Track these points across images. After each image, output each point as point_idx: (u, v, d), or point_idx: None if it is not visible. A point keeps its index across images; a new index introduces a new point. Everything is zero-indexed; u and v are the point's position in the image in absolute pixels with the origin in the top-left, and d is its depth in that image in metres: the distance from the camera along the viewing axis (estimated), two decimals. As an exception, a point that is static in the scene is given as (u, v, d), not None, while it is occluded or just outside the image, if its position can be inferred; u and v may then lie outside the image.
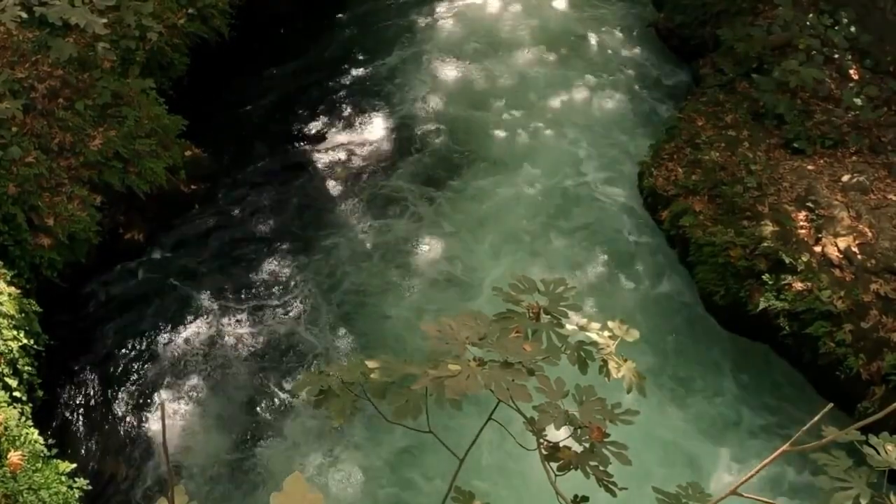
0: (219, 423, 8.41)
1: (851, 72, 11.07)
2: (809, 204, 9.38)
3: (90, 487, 7.02)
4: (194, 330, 9.21)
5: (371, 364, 3.03)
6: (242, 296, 9.57)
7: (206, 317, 9.34)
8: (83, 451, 8.07)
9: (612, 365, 3.17)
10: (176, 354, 8.98)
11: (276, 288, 9.67)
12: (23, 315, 7.83)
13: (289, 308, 9.47)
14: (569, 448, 2.91)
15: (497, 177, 11.10)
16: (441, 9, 14.08)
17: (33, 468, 6.50)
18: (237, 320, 9.32)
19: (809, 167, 9.94)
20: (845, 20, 11.15)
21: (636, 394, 3.18)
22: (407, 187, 10.95)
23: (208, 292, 9.56)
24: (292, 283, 9.73)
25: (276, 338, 9.17)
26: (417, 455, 8.04)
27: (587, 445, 2.89)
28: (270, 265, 9.92)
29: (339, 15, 13.86)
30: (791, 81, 10.55)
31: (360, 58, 13.01)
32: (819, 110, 10.63)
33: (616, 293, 9.73)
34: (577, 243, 10.24)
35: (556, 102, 12.28)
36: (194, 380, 8.76)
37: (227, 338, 9.16)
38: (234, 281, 9.72)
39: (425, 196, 10.83)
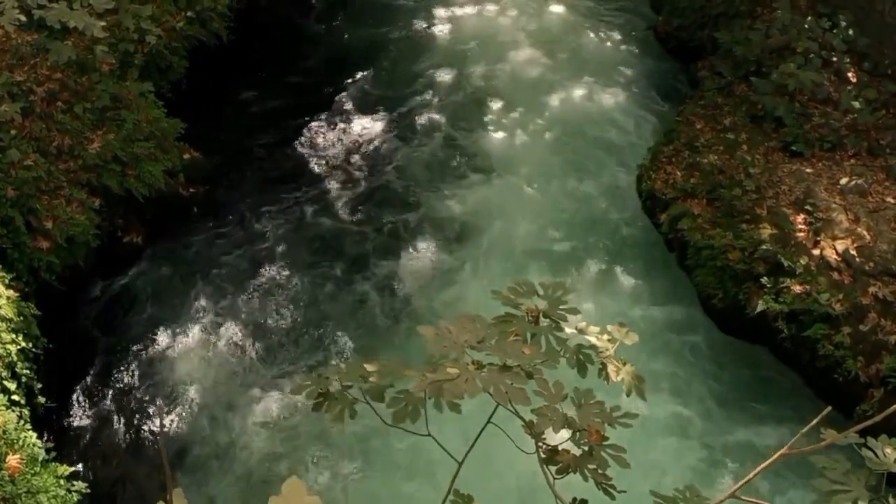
0: (218, 426, 8.40)
1: (850, 74, 11.07)
2: (808, 207, 9.39)
3: (89, 491, 7.00)
4: (193, 332, 9.20)
5: (370, 367, 3.02)
6: (241, 298, 9.57)
7: (204, 319, 9.33)
8: (82, 455, 8.05)
9: (611, 368, 3.17)
10: (175, 357, 8.97)
11: (275, 290, 9.66)
12: (21, 318, 7.82)
13: (287, 310, 9.46)
14: (567, 451, 2.90)
15: (495, 180, 11.10)
16: (440, 12, 14.10)
17: (32, 472, 6.47)
18: (236, 322, 9.31)
19: (808, 170, 9.94)
20: (843, 23, 11.15)
21: (635, 396, 3.18)
22: (405, 191, 10.96)
23: (207, 295, 9.56)
24: (291, 285, 9.73)
25: (275, 340, 9.17)
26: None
27: (586, 448, 2.89)
28: (269, 267, 9.92)
29: (339, 18, 13.88)
30: (789, 84, 10.55)
31: (359, 61, 13.01)
32: (817, 113, 10.63)
33: (614, 296, 9.72)
34: (575, 246, 10.24)
35: (554, 105, 12.29)
36: (193, 382, 8.75)
37: (225, 340, 9.15)
38: (232, 283, 9.71)
39: (423, 200, 10.83)
